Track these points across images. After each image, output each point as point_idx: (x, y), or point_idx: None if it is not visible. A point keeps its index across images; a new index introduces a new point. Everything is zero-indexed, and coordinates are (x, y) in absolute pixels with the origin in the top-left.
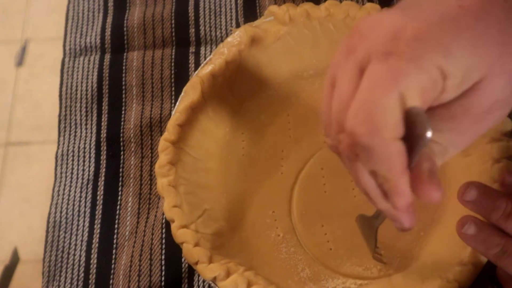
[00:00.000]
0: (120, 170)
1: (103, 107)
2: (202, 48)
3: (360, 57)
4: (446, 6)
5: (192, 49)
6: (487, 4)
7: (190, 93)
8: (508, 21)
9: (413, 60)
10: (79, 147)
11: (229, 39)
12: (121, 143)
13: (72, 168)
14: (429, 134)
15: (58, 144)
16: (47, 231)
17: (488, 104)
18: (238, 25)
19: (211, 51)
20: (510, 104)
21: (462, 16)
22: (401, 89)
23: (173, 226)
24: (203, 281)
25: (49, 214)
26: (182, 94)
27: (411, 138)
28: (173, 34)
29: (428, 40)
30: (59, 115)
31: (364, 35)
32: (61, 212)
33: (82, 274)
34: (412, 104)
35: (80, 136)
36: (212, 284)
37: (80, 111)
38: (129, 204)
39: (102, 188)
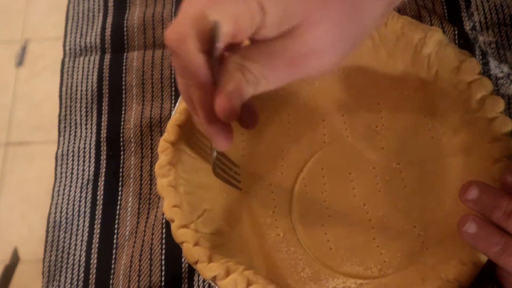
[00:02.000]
0: (120, 170)
1: (103, 107)
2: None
3: None
4: None
5: None
6: None
7: None
8: None
9: None
10: (79, 147)
11: None
12: (121, 143)
13: (72, 168)
14: (218, 44)
15: (58, 144)
16: (47, 231)
17: (304, 50)
18: None
19: None
20: (328, 56)
21: None
22: (216, 10)
23: (173, 226)
24: (203, 281)
25: (49, 214)
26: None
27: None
28: None
29: None
30: (59, 115)
31: None
32: (61, 212)
33: (82, 274)
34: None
35: (80, 136)
36: (212, 284)
37: (80, 111)
38: (129, 204)
39: (102, 188)
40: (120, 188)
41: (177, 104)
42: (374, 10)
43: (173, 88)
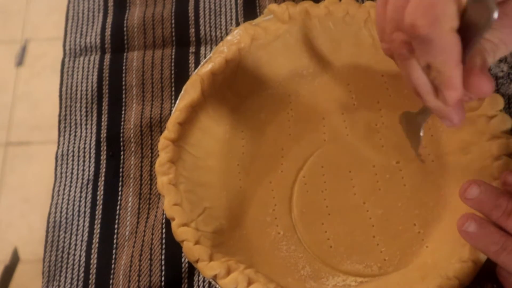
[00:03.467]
0: (120, 170)
1: (103, 107)
2: (202, 48)
3: None
4: None
5: (192, 49)
6: None
7: (190, 91)
8: None
9: None
10: (79, 147)
11: (229, 37)
12: (121, 143)
13: (72, 168)
14: (495, 15)
15: (58, 144)
16: (47, 231)
17: None
18: (238, 25)
19: (211, 51)
20: None
21: None
22: None
23: (174, 224)
24: (203, 281)
25: (49, 214)
26: (182, 92)
27: (468, 29)
28: (173, 34)
29: None
30: (59, 115)
31: None
32: (61, 212)
33: (82, 274)
34: None
35: (80, 136)
36: (213, 282)
37: (80, 111)
38: (129, 204)
39: (102, 188)
40: (120, 188)
41: (177, 101)
42: None
43: (173, 88)
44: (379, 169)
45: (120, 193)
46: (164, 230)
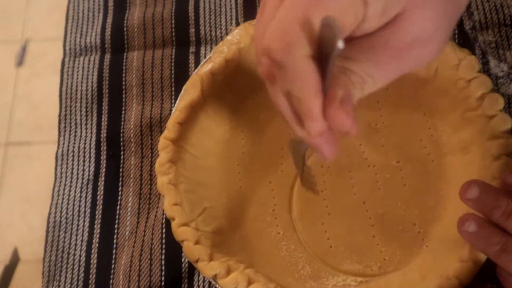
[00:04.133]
0: (120, 170)
1: (103, 107)
2: (202, 48)
3: None
4: None
5: (192, 49)
6: None
7: (190, 91)
8: None
9: None
10: (79, 147)
11: (228, 37)
12: (121, 143)
13: (72, 168)
14: (339, 44)
15: (58, 144)
16: (47, 231)
17: (408, 39)
18: (238, 25)
19: (211, 51)
20: (432, 43)
21: None
22: (315, 10)
23: (174, 224)
24: (203, 281)
25: (49, 214)
26: (182, 92)
27: (324, 56)
28: (173, 34)
29: None
30: (59, 115)
31: None
32: (61, 212)
33: (82, 274)
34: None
35: (80, 136)
36: (213, 282)
37: (80, 111)
38: (129, 204)
39: (102, 188)
40: (120, 188)
41: (177, 101)
42: None
43: (173, 88)
44: (379, 169)
45: (120, 193)
46: (164, 230)
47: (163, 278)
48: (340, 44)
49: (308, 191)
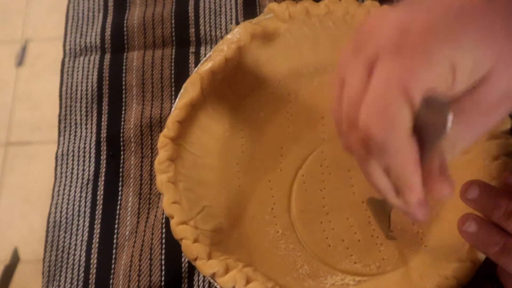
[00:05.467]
0: (120, 170)
1: (103, 107)
2: (202, 48)
3: (369, 54)
4: (448, 0)
5: (192, 49)
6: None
7: (190, 90)
8: (511, 16)
9: (424, 53)
10: (79, 147)
11: (228, 36)
12: (121, 143)
13: (72, 168)
14: (450, 120)
15: (58, 144)
16: (47, 231)
17: (498, 96)
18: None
19: (211, 51)
20: None
21: (466, 8)
22: (414, 84)
23: (173, 222)
24: (203, 281)
25: (49, 214)
26: (182, 90)
27: (423, 132)
28: (173, 34)
29: (437, 32)
30: (59, 115)
31: (371, 32)
32: (61, 212)
33: (82, 274)
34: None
35: (80, 136)
36: (212, 281)
37: (80, 111)
38: (129, 204)
39: (102, 188)
40: (120, 188)
41: (176, 100)
42: None
43: (173, 88)
44: None
45: (120, 193)
46: (164, 230)
47: (163, 278)
48: (450, 120)
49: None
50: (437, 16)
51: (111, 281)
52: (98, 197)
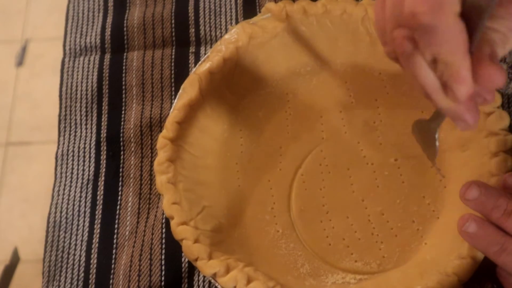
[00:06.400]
0: (120, 170)
1: (103, 107)
2: (202, 48)
3: None
4: None
5: (192, 49)
6: None
7: (188, 90)
8: None
9: None
10: (79, 147)
11: (226, 36)
12: (121, 143)
13: (72, 168)
14: None
15: (58, 144)
16: (47, 231)
17: None
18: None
19: None
20: None
21: None
22: None
23: (173, 223)
24: (203, 281)
25: (49, 214)
26: (180, 91)
27: (471, 14)
28: (173, 34)
29: None
30: (59, 115)
31: None
32: (61, 212)
33: (82, 274)
34: None
35: (80, 136)
36: (212, 281)
37: (80, 111)
38: (129, 204)
39: (102, 188)
40: (120, 188)
41: (175, 100)
42: None
43: (173, 88)
44: (377, 167)
45: (120, 193)
46: (164, 230)
47: (163, 278)
48: None
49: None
50: None
51: (111, 281)
52: (98, 197)
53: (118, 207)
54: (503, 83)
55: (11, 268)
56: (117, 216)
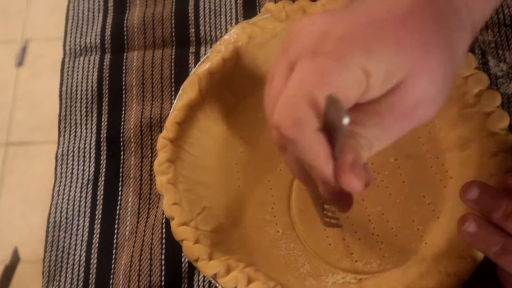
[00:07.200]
0: (120, 170)
1: (103, 107)
2: (202, 48)
3: (291, 56)
4: (376, 11)
5: (192, 49)
6: (416, 9)
7: (188, 91)
8: (435, 25)
9: (338, 59)
10: (79, 147)
11: (226, 36)
12: (121, 143)
13: (72, 168)
14: (345, 121)
15: (58, 144)
16: (47, 231)
17: (411, 103)
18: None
19: None
20: (435, 104)
21: (389, 20)
22: (322, 87)
23: (173, 224)
24: (203, 281)
25: (49, 214)
26: (180, 92)
27: (332, 127)
28: (173, 34)
29: (352, 41)
30: (59, 115)
31: (296, 35)
32: (61, 212)
33: (82, 274)
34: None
35: (80, 136)
36: (213, 281)
37: (80, 111)
38: (129, 204)
39: (102, 188)
40: (120, 188)
41: (175, 101)
42: (464, 45)
43: (173, 88)
44: (377, 166)
45: (120, 193)
46: (164, 230)
47: (163, 278)
48: (346, 121)
49: (331, 228)
50: (357, 25)
51: (111, 281)
52: (98, 197)
53: (118, 207)
54: (359, 190)
55: (11, 268)
56: (117, 216)
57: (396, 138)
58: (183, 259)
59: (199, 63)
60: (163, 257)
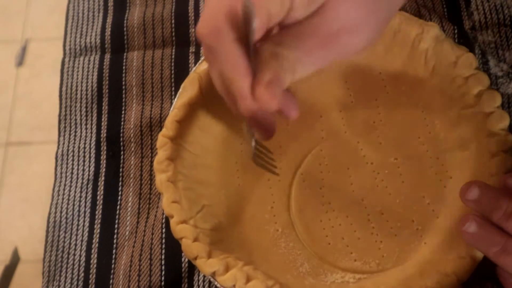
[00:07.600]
0: (120, 170)
1: (103, 107)
2: (202, 48)
3: None
4: None
5: (192, 49)
6: None
7: (188, 89)
8: None
9: None
10: (79, 147)
11: None
12: (121, 143)
13: (72, 168)
14: (254, 24)
15: (58, 144)
16: (47, 231)
17: (334, 27)
18: None
19: None
20: (360, 33)
21: None
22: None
23: (172, 222)
24: (203, 281)
25: (49, 214)
26: (180, 90)
27: (248, 41)
28: (173, 34)
29: None
30: (59, 115)
31: None
32: (61, 212)
33: (82, 274)
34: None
35: (80, 136)
36: (212, 280)
37: (80, 111)
38: (129, 204)
39: (102, 188)
40: (120, 188)
41: (175, 99)
42: None
43: (173, 88)
44: (377, 166)
45: (120, 193)
46: (164, 230)
47: (163, 278)
48: (254, 24)
49: (263, 169)
50: None
51: (111, 281)
52: (98, 197)
53: (118, 207)
54: (272, 109)
55: (11, 268)
56: (117, 216)
57: (318, 66)
58: (183, 259)
59: (199, 62)
60: (163, 257)
